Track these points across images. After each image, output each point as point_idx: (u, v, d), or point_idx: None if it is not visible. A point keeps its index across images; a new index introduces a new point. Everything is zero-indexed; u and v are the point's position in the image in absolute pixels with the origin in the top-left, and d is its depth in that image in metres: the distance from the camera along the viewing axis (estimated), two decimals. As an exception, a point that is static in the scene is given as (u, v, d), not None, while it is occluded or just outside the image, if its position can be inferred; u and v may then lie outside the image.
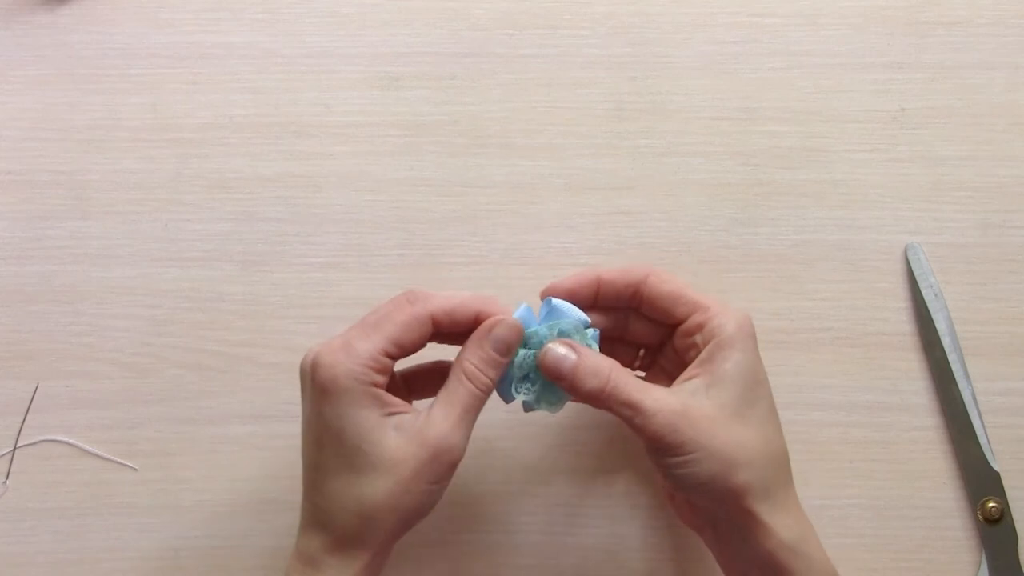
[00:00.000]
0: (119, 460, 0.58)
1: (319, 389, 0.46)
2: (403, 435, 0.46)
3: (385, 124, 0.61)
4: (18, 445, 0.58)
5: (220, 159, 0.61)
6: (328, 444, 0.47)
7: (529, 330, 0.49)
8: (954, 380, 0.57)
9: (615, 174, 0.60)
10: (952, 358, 0.57)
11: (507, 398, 0.50)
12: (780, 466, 0.49)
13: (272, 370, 0.59)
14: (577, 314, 0.50)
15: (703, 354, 0.49)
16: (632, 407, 0.47)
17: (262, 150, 0.61)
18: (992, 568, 0.56)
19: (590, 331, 0.50)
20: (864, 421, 0.58)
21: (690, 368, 0.50)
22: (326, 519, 0.47)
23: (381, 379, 0.47)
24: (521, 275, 0.59)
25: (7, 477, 0.58)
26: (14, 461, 0.58)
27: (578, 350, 0.48)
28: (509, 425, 0.58)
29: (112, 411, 0.58)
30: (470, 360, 0.48)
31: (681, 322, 0.51)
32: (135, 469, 0.58)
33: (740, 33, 0.61)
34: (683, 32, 0.61)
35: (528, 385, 0.50)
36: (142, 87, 0.61)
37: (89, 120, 0.61)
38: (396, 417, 0.47)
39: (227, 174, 0.61)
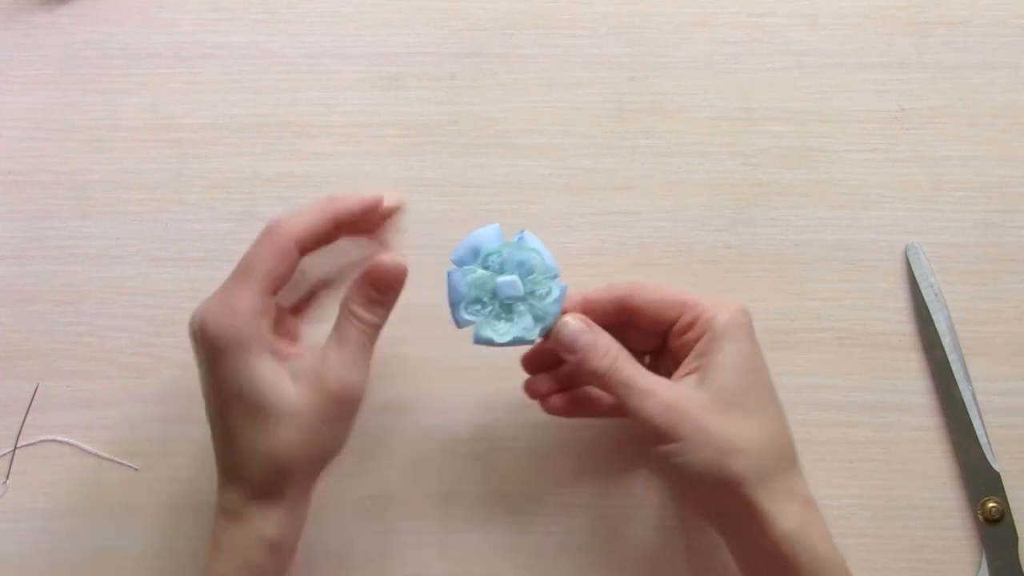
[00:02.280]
0: (119, 460, 0.58)
1: (211, 350, 0.48)
2: (302, 382, 0.48)
3: (385, 124, 0.61)
4: (18, 445, 0.58)
5: (220, 159, 0.61)
6: (231, 403, 0.48)
7: (491, 250, 0.49)
8: (954, 380, 0.57)
9: (615, 174, 0.60)
10: (952, 358, 0.57)
11: (457, 321, 0.49)
12: (780, 454, 0.49)
13: (272, 370, 0.59)
14: (550, 259, 0.49)
15: (696, 348, 0.50)
16: (628, 387, 0.48)
17: (262, 150, 0.61)
18: (992, 568, 0.56)
19: (557, 283, 0.50)
20: (864, 421, 0.58)
21: (685, 363, 0.50)
22: (242, 473, 0.48)
23: (267, 323, 0.48)
24: (521, 275, 0.59)
25: (7, 477, 0.58)
26: (14, 461, 0.58)
27: (594, 329, 0.49)
28: (509, 426, 0.58)
29: (112, 411, 0.58)
30: (354, 300, 0.49)
31: (674, 323, 0.51)
32: (135, 469, 0.58)
33: (740, 33, 0.61)
34: (683, 32, 0.61)
35: (478, 307, 0.49)
36: (142, 87, 0.61)
37: (89, 120, 0.61)
38: (292, 363, 0.48)
39: (227, 174, 0.61)
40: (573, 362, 0.49)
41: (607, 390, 0.49)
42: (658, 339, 0.53)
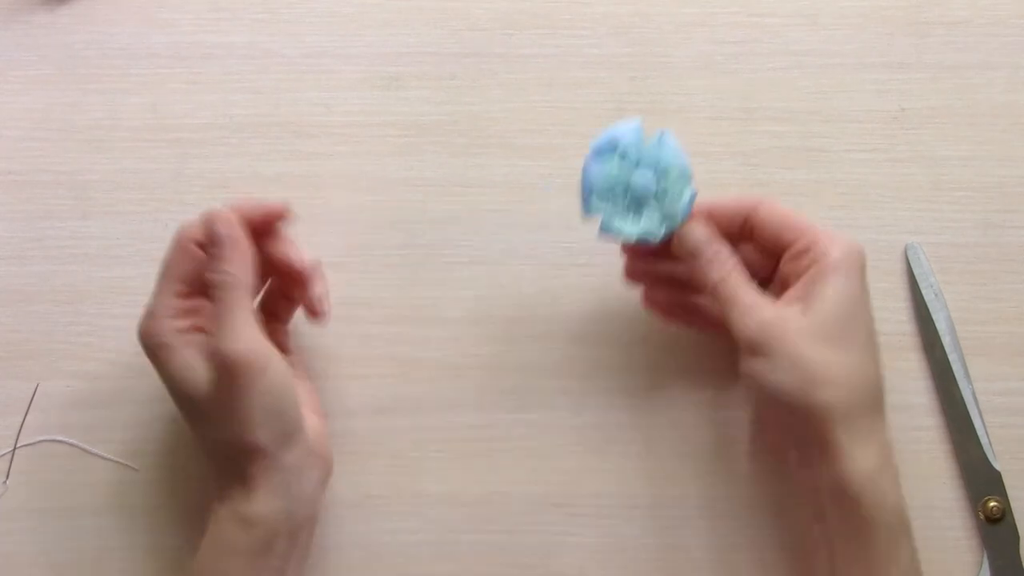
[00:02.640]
0: (119, 460, 0.58)
1: (148, 356, 0.50)
2: (210, 363, 0.49)
3: (385, 124, 0.61)
4: (18, 445, 0.58)
5: (220, 159, 0.61)
6: (174, 399, 0.50)
7: (630, 144, 0.49)
8: (954, 380, 0.57)
9: (615, 174, 0.60)
10: (952, 358, 0.57)
11: (586, 209, 0.50)
12: (869, 394, 0.49)
13: (272, 370, 0.59)
14: (686, 162, 0.49)
15: (805, 277, 0.50)
16: (734, 300, 0.49)
17: (262, 150, 0.61)
18: (993, 568, 0.56)
19: (689, 187, 0.50)
20: (864, 421, 0.58)
21: (793, 288, 0.50)
22: (209, 458, 0.51)
23: (185, 323, 0.50)
24: (521, 275, 0.59)
25: (7, 477, 0.58)
26: (14, 461, 0.58)
27: (716, 238, 0.51)
28: (509, 426, 0.58)
29: (112, 411, 0.58)
30: (208, 268, 0.50)
31: (789, 247, 0.51)
32: (135, 469, 0.58)
33: (740, 33, 0.61)
34: (683, 32, 0.61)
35: (608, 199, 0.50)
36: (142, 87, 0.61)
37: (89, 120, 0.61)
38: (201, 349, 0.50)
39: (227, 174, 0.61)
40: (692, 267, 0.50)
41: (714, 299, 0.50)
42: (772, 261, 0.53)
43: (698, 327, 0.56)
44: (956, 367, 0.57)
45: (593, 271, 0.59)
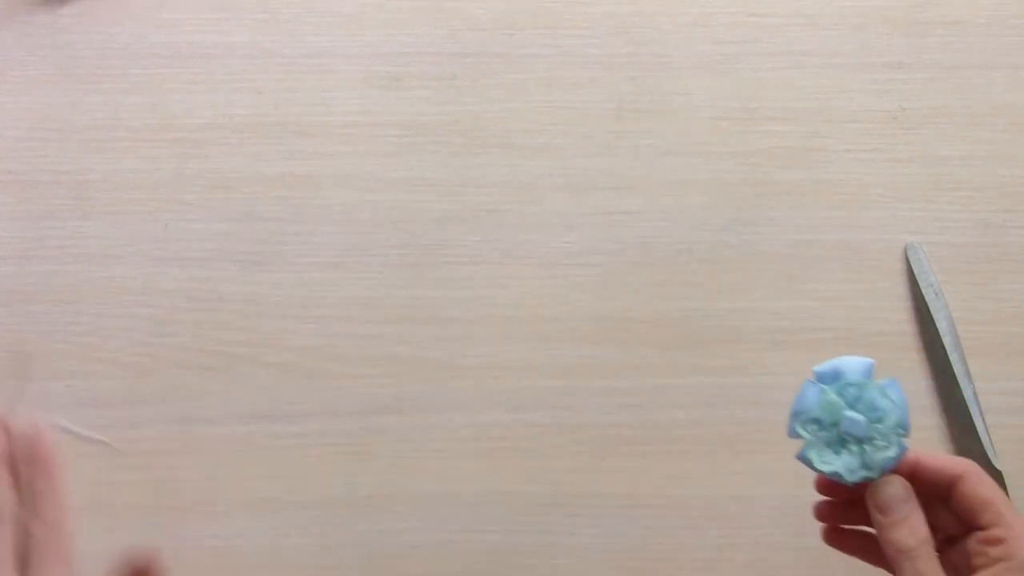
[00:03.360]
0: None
1: None
2: None
3: (385, 124, 0.61)
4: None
5: (220, 159, 0.61)
6: None
7: (853, 382, 0.48)
8: (955, 379, 0.57)
9: (615, 174, 0.60)
10: (953, 357, 0.57)
11: (790, 430, 0.49)
12: None
13: (272, 370, 0.59)
14: (906, 417, 0.48)
15: (993, 569, 0.47)
16: None
17: (262, 150, 0.61)
18: (994, 569, 0.55)
19: (900, 443, 0.48)
20: (864, 421, 0.58)
21: None
22: None
23: None
24: (521, 275, 0.59)
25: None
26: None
27: (913, 500, 0.48)
28: (509, 426, 0.58)
29: (112, 411, 0.58)
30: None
31: (982, 528, 0.49)
32: (135, 469, 0.58)
33: (740, 33, 0.61)
34: (683, 32, 0.61)
35: (815, 427, 0.48)
36: (142, 87, 0.61)
37: (89, 120, 0.61)
38: None
39: (227, 174, 0.61)
40: (877, 521, 0.48)
41: (893, 563, 0.47)
42: (959, 528, 0.50)
43: (871, 563, 0.53)
44: (957, 366, 0.57)
45: (593, 271, 0.59)
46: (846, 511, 0.51)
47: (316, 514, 0.55)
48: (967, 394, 0.57)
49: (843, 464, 0.48)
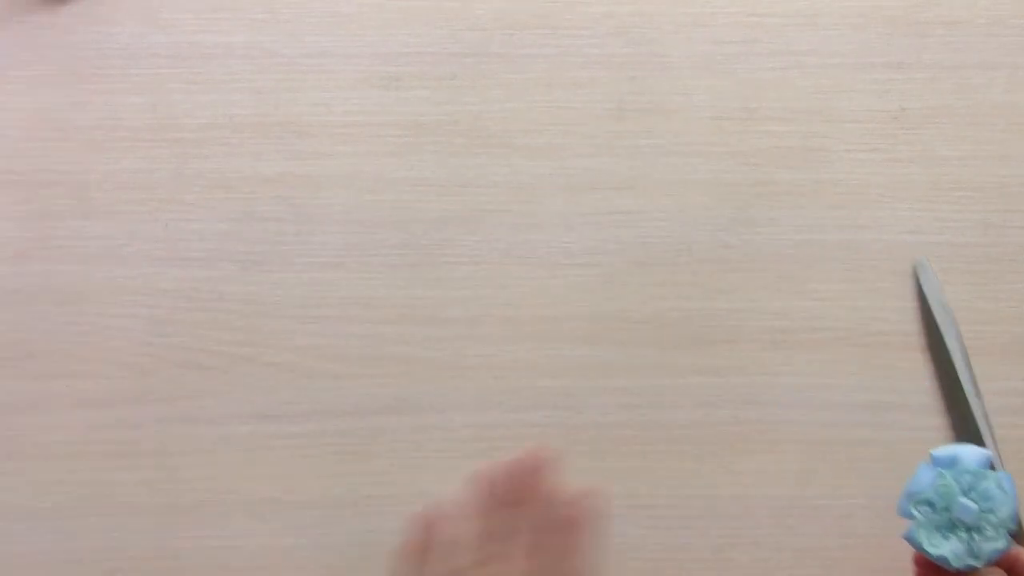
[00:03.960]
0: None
1: None
2: None
3: (385, 124, 0.61)
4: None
5: (220, 159, 0.61)
6: None
7: (970, 470, 0.48)
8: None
9: (615, 174, 0.60)
10: (964, 378, 0.57)
11: (901, 508, 0.49)
12: None
13: (272, 370, 0.59)
14: (1017, 512, 0.49)
15: None
16: None
17: (262, 150, 0.61)
18: (995, 569, 0.55)
19: (1007, 537, 0.48)
20: (865, 421, 0.58)
21: None
22: None
23: None
24: (521, 275, 0.59)
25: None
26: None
27: None
28: (509, 426, 0.58)
29: (112, 411, 0.58)
30: None
31: None
32: (134, 468, 0.58)
33: (740, 33, 0.61)
34: (683, 32, 0.61)
35: (927, 509, 0.49)
36: (142, 87, 0.61)
37: (89, 120, 0.61)
38: None
39: (227, 174, 0.61)
40: None
41: None
42: None
43: None
44: (967, 387, 0.57)
45: (593, 271, 0.59)
46: None
47: (316, 514, 0.55)
48: (977, 412, 0.57)
49: (951, 550, 0.49)
